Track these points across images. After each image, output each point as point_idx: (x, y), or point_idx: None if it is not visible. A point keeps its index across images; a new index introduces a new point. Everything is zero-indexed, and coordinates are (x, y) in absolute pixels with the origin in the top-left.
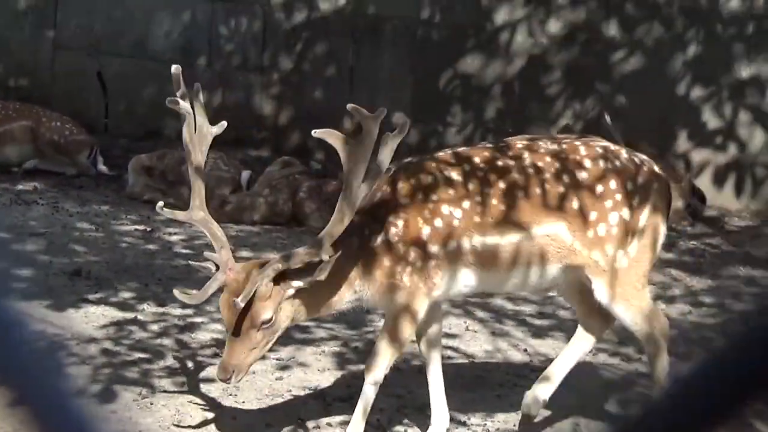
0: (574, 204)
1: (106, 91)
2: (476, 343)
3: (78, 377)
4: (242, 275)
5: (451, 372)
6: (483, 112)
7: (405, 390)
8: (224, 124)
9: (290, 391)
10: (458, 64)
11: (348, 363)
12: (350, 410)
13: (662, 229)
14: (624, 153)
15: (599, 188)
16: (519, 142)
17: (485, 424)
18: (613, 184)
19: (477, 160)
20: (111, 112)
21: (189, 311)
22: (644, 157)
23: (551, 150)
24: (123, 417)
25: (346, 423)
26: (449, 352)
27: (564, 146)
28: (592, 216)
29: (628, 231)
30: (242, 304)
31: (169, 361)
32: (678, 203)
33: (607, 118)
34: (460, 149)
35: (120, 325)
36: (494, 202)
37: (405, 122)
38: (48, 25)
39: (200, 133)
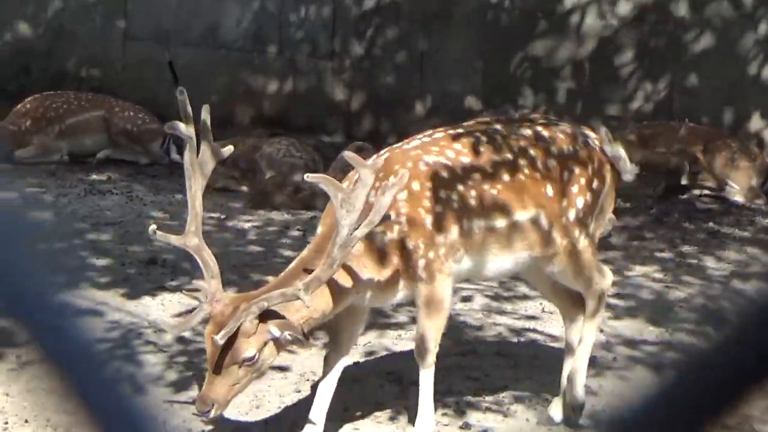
0: (549, 191)
1: (177, 81)
2: (553, 324)
3: (154, 365)
4: (229, 309)
5: (530, 353)
6: (554, 95)
7: (482, 373)
8: (231, 148)
9: (369, 375)
10: (528, 48)
11: None
12: None
13: (611, 206)
14: (578, 135)
15: (566, 174)
16: (489, 127)
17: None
18: (575, 170)
19: (457, 145)
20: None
21: None
22: (593, 135)
23: (522, 135)
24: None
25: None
26: (529, 334)
27: (531, 132)
28: (563, 203)
29: (590, 213)
30: (221, 342)
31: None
32: (752, 182)
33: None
34: (435, 135)
35: None
36: (485, 186)
37: (403, 175)
38: (118, 16)
39: (203, 157)
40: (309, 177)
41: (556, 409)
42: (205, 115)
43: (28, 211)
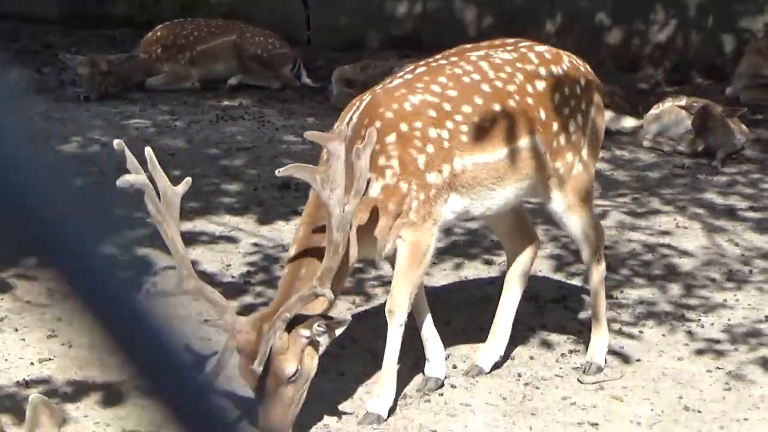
0: (542, 115)
1: (307, 4)
2: (688, 239)
3: None
4: (253, 335)
5: (665, 270)
6: (685, 10)
7: (617, 290)
8: (189, 180)
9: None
10: None
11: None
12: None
13: (602, 130)
14: (564, 56)
15: (557, 97)
16: (471, 54)
17: (699, 320)
18: (566, 90)
19: (442, 78)
20: (313, 25)
21: None
22: (575, 56)
23: (507, 60)
24: None
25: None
26: (664, 250)
27: (516, 55)
28: (555, 126)
29: (582, 136)
30: (260, 369)
31: (382, 270)
32: None
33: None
34: (417, 70)
35: None
36: (476, 119)
37: (371, 134)
38: None
39: (165, 199)
40: (279, 172)
41: (483, 358)
42: (149, 155)
43: (161, 139)
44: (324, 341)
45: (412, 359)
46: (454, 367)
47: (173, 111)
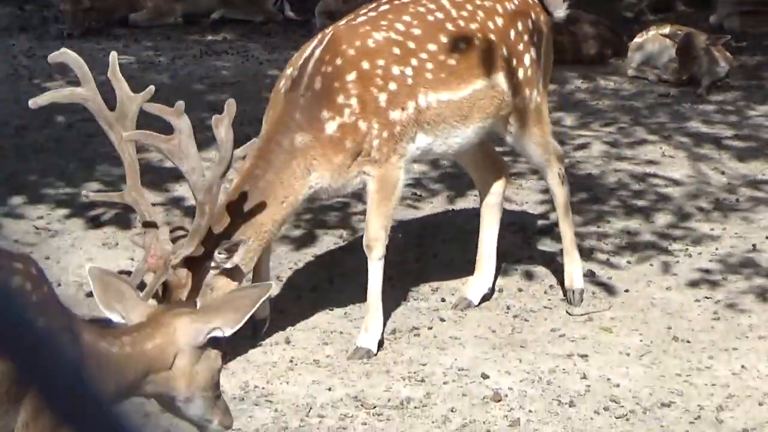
0: (503, 52)
1: None
2: (675, 168)
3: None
4: (161, 262)
5: (654, 198)
6: None
7: (604, 220)
8: (152, 89)
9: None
10: None
11: None
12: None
13: (551, 59)
14: None
15: (512, 33)
16: None
17: (687, 249)
18: (519, 25)
19: (406, 17)
20: None
21: None
22: None
23: None
24: (329, 259)
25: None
26: (652, 179)
27: None
28: (514, 62)
29: (537, 69)
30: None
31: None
32: None
33: None
34: (380, 8)
35: None
36: (441, 57)
37: (231, 103)
38: None
39: (121, 107)
40: (126, 135)
41: (472, 291)
42: (112, 61)
43: (146, 75)
44: (239, 261)
45: (400, 293)
46: (443, 300)
47: (157, 47)
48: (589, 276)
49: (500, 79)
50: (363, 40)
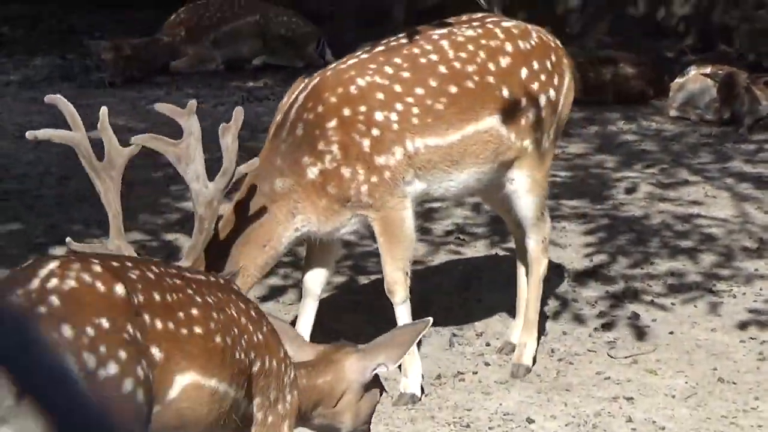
0: (505, 93)
1: None
2: (718, 208)
3: None
4: None
5: (695, 241)
6: None
7: (648, 261)
8: (139, 144)
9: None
10: None
11: None
12: None
13: (570, 106)
14: (532, 31)
15: (524, 72)
16: (433, 32)
17: (731, 290)
18: (535, 65)
19: (397, 59)
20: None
21: None
22: (545, 31)
23: (470, 37)
24: (369, 307)
25: None
26: (693, 220)
27: (480, 31)
28: (523, 103)
29: (552, 113)
30: None
31: None
32: None
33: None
34: (373, 50)
35: None
36: (429, 102)
37: (239, 111)
38: None
39: (108, 157)
40: (134, 139)
41: (516, 335)
42: (102, 114)
43: None
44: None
45: (444, 338)
46: (488, 344)
47: (198, 93)
48: (633, 318)
49: (498, 124)
50: (345, 86)
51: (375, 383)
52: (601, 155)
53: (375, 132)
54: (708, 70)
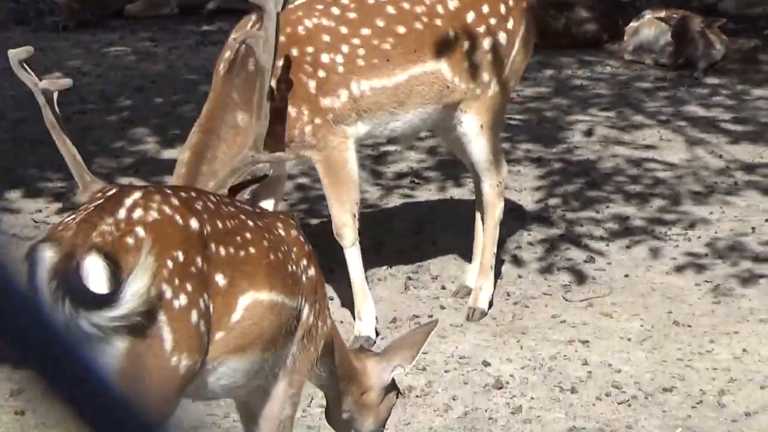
0: (451, 35)
1: None
2: (672, 152)
3: None
4: None
5: (649, 184)
6: None
7: (603, 205)
8: (67, 82)
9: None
10: None
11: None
12: None
13: (529, 54)
14: None
15: (471, 16)
16: None
17: (686, 233)
18: (485, 8)
19: (346, 0)
20: None
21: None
22: None
23: None
24: (328, 248)
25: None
26: (647, 164)
27: None
28: (466, 45)
29: (504, 57)
30: None
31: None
32: None
33: None
34: None
35: None
36: (375, 41)
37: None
38: None
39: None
40: (236, 39)
41: (471, 278)
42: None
43: (141, 65)
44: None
45: (399, 281)
46: (443, 288)
47: (153, 37)
48: (589, 261)
49: (443, 66)
50: (294, 27)
51: (392, 387)
52: (556, 99)
53: (321, 74)
54: (662, 14)
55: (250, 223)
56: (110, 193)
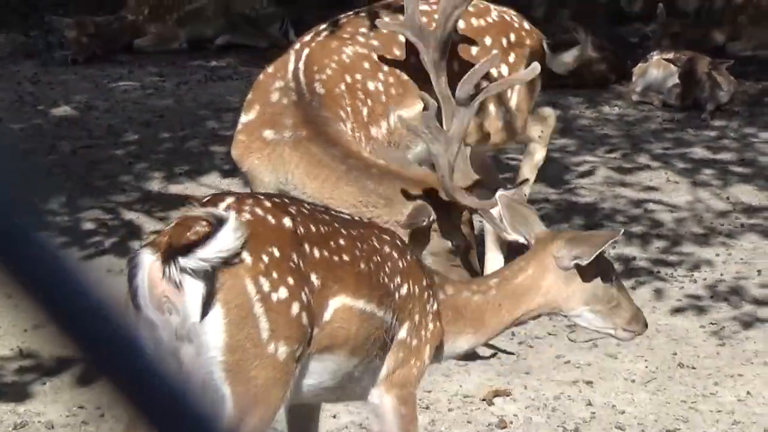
0: (455, 67)
1: None
2: (677, 194)
3: None
4: None
5: (654, 226)
6: None
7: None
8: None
9: None
10: None
11: None
12: None
13: (537, 86)
14: (492, 9)
15: (473, 49)
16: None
17: (692, 275)
18: (487, 42)
19: (363, 29)
20: None
21: None
22: (514, 12)
23: (425, 11)
24: None
25: None
26: (650, 205)
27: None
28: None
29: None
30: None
31: None
32: None
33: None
34: (341, 22)
35: None
36: (397, 72)
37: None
38: None
39: None
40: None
41: None
42: None
43: (150, 100)
44: None
45: None
46: None
47: (161, 72)
48: None
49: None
50: (338, 54)
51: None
52: (562, 139)
53: (369, 102)
54: (671, 55)
55: (344, 231)
56: (205, 200)
